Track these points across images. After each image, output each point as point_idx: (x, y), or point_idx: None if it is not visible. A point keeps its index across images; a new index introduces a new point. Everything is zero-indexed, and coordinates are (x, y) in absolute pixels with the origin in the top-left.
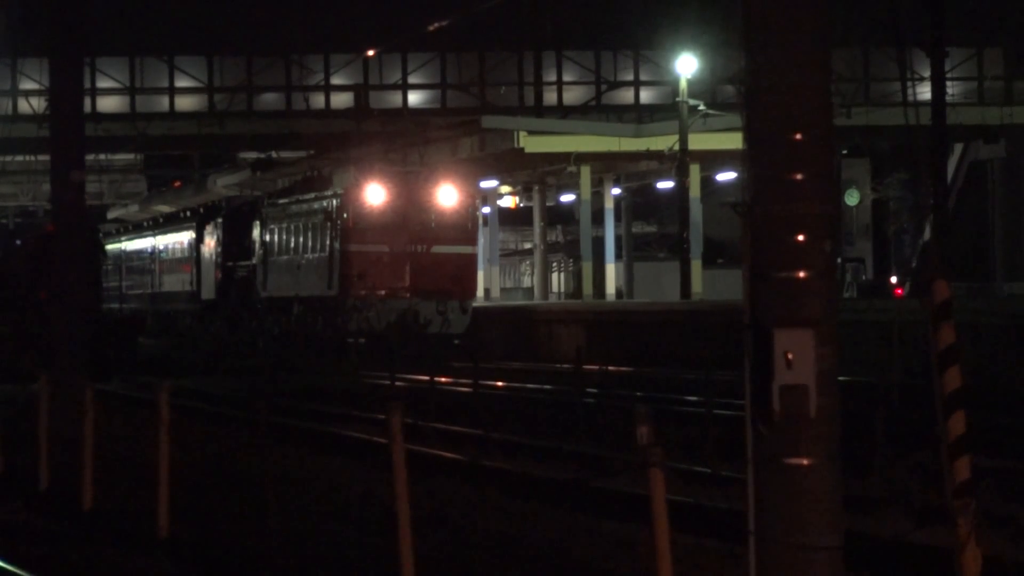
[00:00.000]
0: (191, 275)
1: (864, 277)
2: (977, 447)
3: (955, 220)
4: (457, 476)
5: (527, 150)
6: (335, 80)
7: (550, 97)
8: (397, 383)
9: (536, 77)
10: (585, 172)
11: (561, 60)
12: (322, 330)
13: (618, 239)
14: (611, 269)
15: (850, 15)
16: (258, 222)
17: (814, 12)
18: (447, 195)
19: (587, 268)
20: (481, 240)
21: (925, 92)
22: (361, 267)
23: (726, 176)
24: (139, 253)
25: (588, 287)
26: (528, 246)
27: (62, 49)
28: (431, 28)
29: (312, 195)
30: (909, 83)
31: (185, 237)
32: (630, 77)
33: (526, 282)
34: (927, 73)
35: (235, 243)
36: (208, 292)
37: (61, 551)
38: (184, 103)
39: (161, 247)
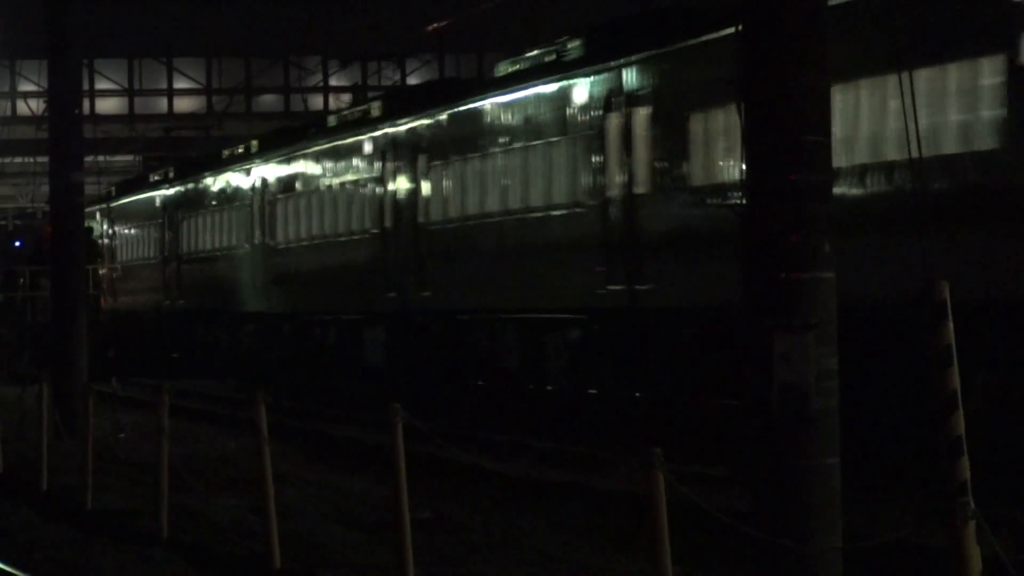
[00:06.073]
0: None
1: None
2: None
3: None
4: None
5: None
6: (333, 81)
7: None
8: None
9: None
10: None
11: None
12: None
13: None
14: None
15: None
16: None
17: (812, 14)
18: None
19: None
20: None
21: None
22: None
23: None
24: None
25: None
26: None
27: (60, 51)
28: (429, 29)
29: None
30: None
31: None
32: None
33: None
34: None
35: None
36: None
37: (62, 552)
38: (183, 104)
39: None
